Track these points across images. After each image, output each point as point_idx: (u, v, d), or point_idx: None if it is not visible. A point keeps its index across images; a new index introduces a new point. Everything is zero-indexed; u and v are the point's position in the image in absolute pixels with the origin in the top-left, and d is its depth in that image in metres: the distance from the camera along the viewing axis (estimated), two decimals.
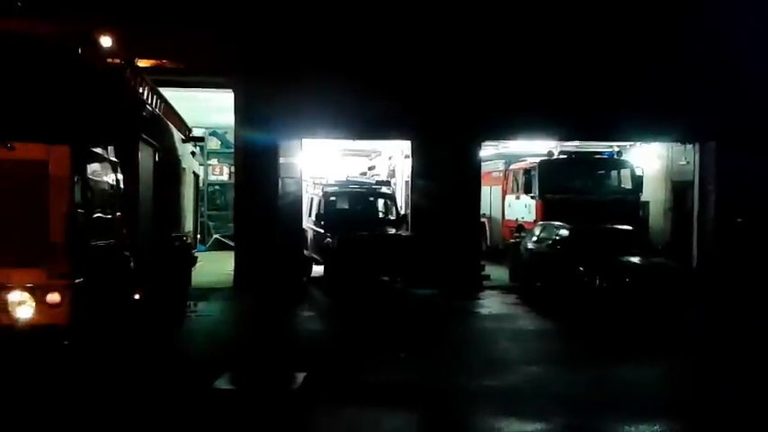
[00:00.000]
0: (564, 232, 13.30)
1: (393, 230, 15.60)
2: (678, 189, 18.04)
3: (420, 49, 14.42)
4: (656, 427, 6.31)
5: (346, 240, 14.21)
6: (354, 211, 16.64)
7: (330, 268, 14.61)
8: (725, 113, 14.53)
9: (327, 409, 6.69)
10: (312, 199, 16.40)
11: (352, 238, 14.26)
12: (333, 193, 16.29)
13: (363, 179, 18.64)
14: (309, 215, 16.22)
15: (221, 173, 22.08)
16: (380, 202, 17.21)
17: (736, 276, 13.46)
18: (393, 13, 14.32)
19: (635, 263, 11.92)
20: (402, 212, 16.87)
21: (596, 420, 6.54)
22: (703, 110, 14.60)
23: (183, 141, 10.88)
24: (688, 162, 16.93)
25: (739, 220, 14.72)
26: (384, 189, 17.49)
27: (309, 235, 16.07)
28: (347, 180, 17.57)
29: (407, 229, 15.63)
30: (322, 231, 15.12)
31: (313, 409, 6.68)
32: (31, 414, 5.63)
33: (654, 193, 18.51)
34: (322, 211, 15.53)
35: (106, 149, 6.53)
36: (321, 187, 16.40)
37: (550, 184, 16.77)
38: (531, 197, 17.28)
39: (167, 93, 9.54)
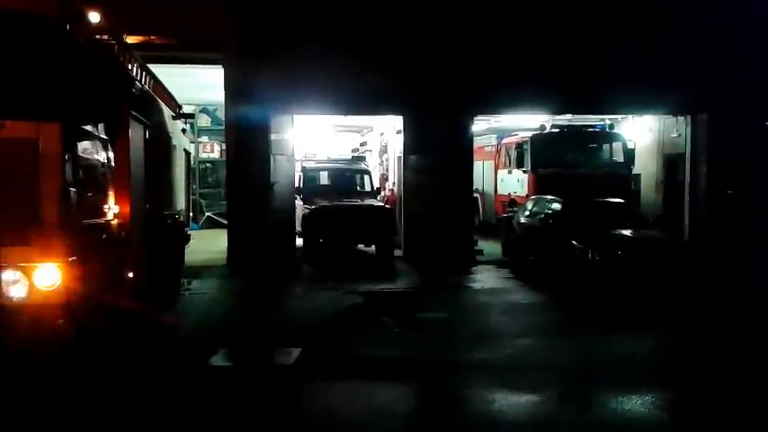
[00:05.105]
0: (556, 206, 13.32)
1: (367, 201, 16.31)
2: (670, 161, 18.04)
3: (412, 24, 14.31)
4: (649, 397, 6.37)
5: (318, 210, 15.00)
6: (331, 184, 17.73)
7: (306, 237, 15.29)
8: (716, 85, 14.50)
9: (322, 383, 6.72)
10: (294, 174, 16.75)
11: (324, 208, 15.07)
12: (311, 169, 17.71)
13: (341, 156, 19.62)
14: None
15: (212, 150, 22.05)
16: (357, 176, 18.18)
17: (728, 248, 13.53)
18: None
19: (627, 236, 11.95)
20: (377, 186, 18.37)
21: (590, 391, 6.59)
22: (695, 82, 14.57)
23: (174, 118, 10.77)
24: (680, 134, 16.93)
25: (730, 191, 14.77)
26: (360, 165, 18.91)
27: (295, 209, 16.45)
28: (327, 157, 18.77)
29: (383, 201, 17.01)
30: (302, 204, 15.88)
31: (307, 384, 6.71)
32: (27, 393, 5.63)
33: (646, 166, 18.53)
34: (302, 186, 16.58)
35: (96, 127, 6.48)
36: (301, 163, 17.54)
37: (542, 158, 16.79)
38: (524, 171, 17.31)
39: (156, 69, 9.43)
